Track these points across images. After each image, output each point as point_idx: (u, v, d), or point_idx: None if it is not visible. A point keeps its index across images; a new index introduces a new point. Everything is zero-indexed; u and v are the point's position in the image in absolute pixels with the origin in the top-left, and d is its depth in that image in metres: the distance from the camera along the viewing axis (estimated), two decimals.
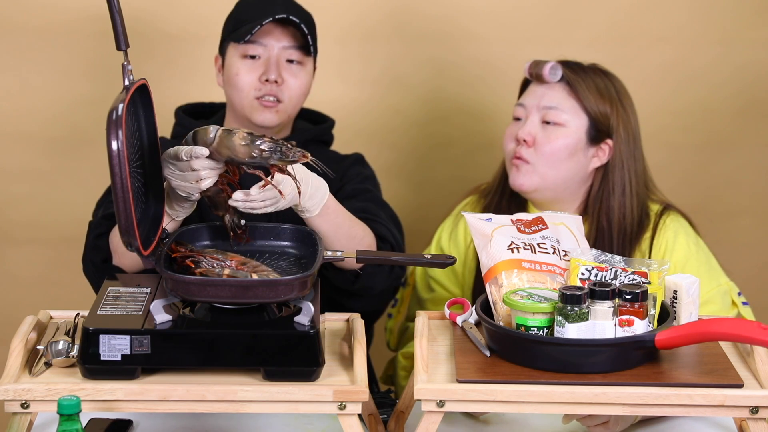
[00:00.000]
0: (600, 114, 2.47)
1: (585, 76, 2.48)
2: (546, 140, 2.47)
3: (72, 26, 3.07)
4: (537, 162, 2.47)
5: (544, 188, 2.49)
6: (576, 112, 2.47)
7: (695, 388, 1.84)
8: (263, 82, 2.48)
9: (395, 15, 3.13)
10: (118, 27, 1.90)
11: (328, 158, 2.61)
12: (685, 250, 2.46)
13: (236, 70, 2.49)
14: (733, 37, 3.16)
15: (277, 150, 1.95)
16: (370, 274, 2.33)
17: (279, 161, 1.95)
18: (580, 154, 2.48)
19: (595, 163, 2.50)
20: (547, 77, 2.47)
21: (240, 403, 1.84)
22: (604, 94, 2.47)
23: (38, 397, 1.83)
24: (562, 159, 2.47)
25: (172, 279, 1.86)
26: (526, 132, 2.48)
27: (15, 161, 3.14)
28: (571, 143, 2.46)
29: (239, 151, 1.95)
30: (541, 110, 2.48)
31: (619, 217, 2.47)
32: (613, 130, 2.47)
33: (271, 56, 2.48)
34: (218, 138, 1.96)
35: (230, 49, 2.50)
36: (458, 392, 1.84)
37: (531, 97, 2.50)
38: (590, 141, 2.48)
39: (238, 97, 2.50)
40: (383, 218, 2.41)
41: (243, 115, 2.52)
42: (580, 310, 1.87)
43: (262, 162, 1.95)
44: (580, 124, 2.47)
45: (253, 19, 2.48)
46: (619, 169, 2.48)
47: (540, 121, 2.48)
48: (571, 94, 2.47)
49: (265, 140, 1.95)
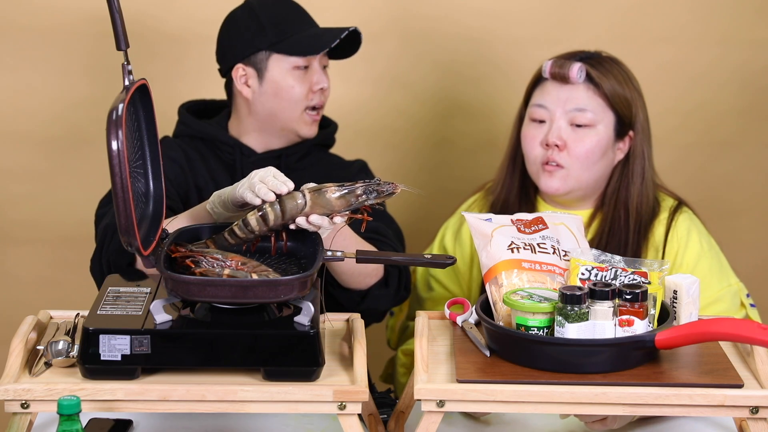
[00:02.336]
0: (624, 106, 2.45)
1: (605, 70, 2.45)
2: (579, 143, 2.43)
3: (72, 26, 3.07)
4: (571, 165, 2.44)
5: (577, 189, 2.48)
6: (603, 110, 2.45)
7: (695, 388, 1.84)
8: (316, 92, 2.52)
9: (397, 15, 3.13)
10: (118, 27, 1.90)
11: (331, 163, 2.62)
12: (697, 248, 2.46)
13: (291, 82, 2.50)
14: (734, 38, 3.16)
15: (372, 190, 1.98)
16: (375, 296, 2.35)
17: (376, 199, 1.98)
18: (609, 150, 2.47)
19: (619, 156, 2.49)
20: (575, 79, 2.43)
21: (240, 403, 1.84)
22: (623, 83, 2.45)
23: (38, 397, 1.83)
24: (595, 160, 2.45)
25: (172, 279, 1.86)
26: (557, 136, 2.43)
27: (15, 161, 3.14)
28: (603, 142, 2.45)
29: (336, 205, 1.97)
30: (568, 113, 2.44)
31: (637, 205, 2.46)
32: (635, 120, 2.46)
33: (317, 66, 2.53)
34: (310, 201, 1.97)
35: (275, 61, 2.50)
36: (458, 392, 1.84)
37: (553, 98, 2.45)
38: (617, 136, 2.47)
39: (288, 110, 2.51)
40: (391, 239, 2.42)
41: (285, 127, 2.52)
42: (580, 310, 1.87)
43: (357, 206, 1.98)
44: (608, 122, 2.45)
45: (296, 30, 2.49)
46: (639, 158, 2.47)
47: (568, 124, 2.44)
48: (596, 93, 2.44)
49: (356, 185, 1.98)
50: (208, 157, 2.55)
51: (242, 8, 2.56)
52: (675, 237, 2.46)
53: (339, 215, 1.98)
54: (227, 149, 2.55)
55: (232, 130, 2.59)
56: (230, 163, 2.54)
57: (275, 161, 2.54)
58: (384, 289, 2.36)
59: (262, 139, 2.56)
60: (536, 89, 2.50)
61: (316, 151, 2.60)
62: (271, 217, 1.97)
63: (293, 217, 1.98)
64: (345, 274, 2.30)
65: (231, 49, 2.53)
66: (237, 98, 2.56)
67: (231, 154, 2.55)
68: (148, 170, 2.03)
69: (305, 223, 1.97)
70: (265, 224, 1.98)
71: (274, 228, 1.99)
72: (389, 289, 2.37)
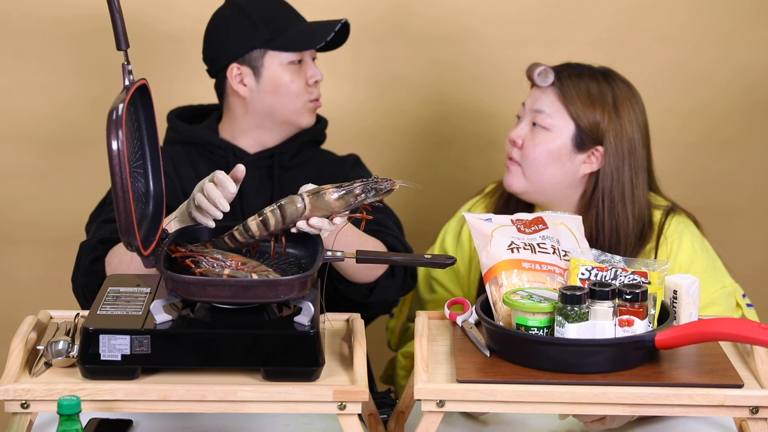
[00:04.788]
0: (587, 121, 2.45)
1: (578, 81, 2.46)
2: (531, 143, 2.47)
3: (71, 26, 3.07)
4: (524, 164, 2.48)
5: (532, 191, 2.49)
6: (562, 117, 2.46)
7: (695, 388, 1.84)
8: (312, 85, 2.53)
9: (395, 15, 3.13)
10: (118, 27, 1.90)
11: (324, 160, 2.62)
12: (689, 251, 2.45)
13: (288, 78, 2.51)
14: (734, 38, 3.16)
15: (370, 188, 1.98)
16: (383, 287, 2.36)
17: (375, 197, 1.98)
18: (566, 159, 2.46)
19: (586, 169, 2.48)
20: (536, 80, 2.47)
21: (240, 403, 1.84)
22: (595, 101, 2.44)
23: (38, 397, 1.83)
24: (544, 163, 2.46)
25: (172, 279, 1.86)
26: (516, 134, 2.50)
27: (15, 161, 3.14)
28: (554, 148, 2.46)
29: (336, 206, 1.98)
30: (532, 113, 2.48)
31: (611, 224, 2.45)
32: (603, 138, 2.45)
33: (309, 59, 2.54)
34: (309, 205, 1.97)
35: (270, 58, 2.50)
36: (458, 392, 1.84)
37: (528, 99, 2.51)
38: (577, 147, 2.46)
39: (289, 105, 2.52)
40: (393, 228, 2.42)
41: (286, 120, 2.53)
42: (580, 310, 1.87)
43: (357, 206, 1.98)
44: (565, 130, 2.46)
45: (288, 25, 2.51)
46: (609, 178, 2.45)
47: (530, 124, 2.48)
48: (559, 99, 2.46)
49: (355, 185, 1.98)
50: (199, 162, 2.54)
51: (229, 7, 2.55)
52: (666, 242, 2.46)
53: (339, 216, 1.99)
54: (219, 152, 2.54)
55: (224, 132, 2.59)
56: (223, 166, 2.53)
57: (268, 161, 2.54)
58: (391, 280, 2.37)
59: (258, 137, 2.56)
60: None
61: (308, 149, 2.60)
62: (271, 221, 1.98)
63: (294, 221, 1.98)
64: (350, 269, 2.31)
65: (223, 49, 2.53)
66: (231, 98, 2.55)
67: (224, 156, 2.54)
68: (148, 170, 2.03)
69: (306, 226, 1.98)
70: (265, 229, 1.98)
71: (274, 233, 1.99)
72: (396, 279, 2.38)
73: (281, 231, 2.00)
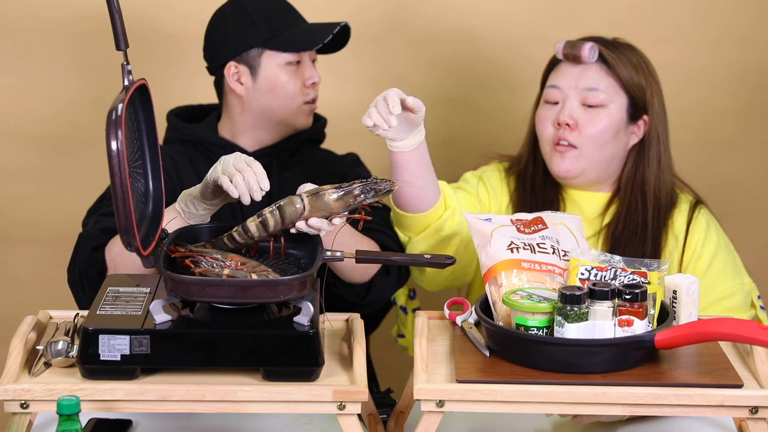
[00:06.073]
0: (637, 89, 2.45)
1: (619, 52, 2.45)
2: (590, 122, 2.43)
3: (71, 26, 3.07)
4: (583, 145, 2.44)
5: (589, 171, 2.46)
6: (615, 91, 2.44)
7: (695, 388, 1.84)
8: (308, 86, 2.53)
9: (395, 15, 3.13)
10: (117, 27, 1.90)
11: (323, 158, 2.62)
12: (716, 243, 2.46)
13: (284, 78, 2.50)
14: (733, 37, 3.16)
15: (370, 189, 1.99)
16: (379, 286, 2.36)
17: (374, 198, 1.99)
18: (622, 133, 2.46)
19: (633, 140, 2.48)
20: (586, 58, 2.43)
21: (240, 403, 1.84)
22: (638, 68, 2.45)
23: (38, 397, 1.83)
24: (607, 140, 2.44)
25: (171, 279, 1.86)
26: (568, 115, 2.44)
27: (15, 161, 3.14)
28: (615, 123, 2.44)
29: (335, 207, 1.98)
30: (580, 92, 2.44)
31: (655, 190, 2.46)
32: (649, 105, 2.46)
33: (308, 61, 2.53)
34: (309, 205, 1.98)
35: (268, 57, 2.50)
36: (458, 392, 1.84)
37: (566, 79, 2.46)
38: (630, 119, 2.46)
39: (285, 105, 2.52)
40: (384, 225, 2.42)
41: (282, 121, 2.53)
42: (580, 310, 1.87)
43: (356, 206, 1.99)
44: (620, 103, 2.45)
45: (288, 26, 2.50)
46: (655, 143, 2.47)
47: (580, 104, 2.44)
48: (609, 73, 2.44)
49: (354, 185, 1.99)
50: (198, 161, 2.54)
51: (231, 5, 2.55)
52: (696, 230, 2.46)
53: (338, 216, 1.99)
54: (219, 151, 2.54)
55: (223, 131, 2.59)
56: None
57: (267, 159, 2.54)
58: (386, 277, 2.38)
59: (255, 135, 2.56)
60: (551, 72, 2.51)
61: (307, 147, 2.61)
62: (270, 222, 1.98)
63: (293, 222, 1.98)
64: (346, 269, 2.32)
65: (222, 46, 2.53)
66: (229, 96, 2.56)
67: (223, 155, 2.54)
68: (148, 170, 2.03)
69: (305, 226, 1.98)
70: (264, 230, 1.98)
71: (273, 233, 1.99)
72: (391, 276, 2.39)
73: (280, 231, 2.00)
